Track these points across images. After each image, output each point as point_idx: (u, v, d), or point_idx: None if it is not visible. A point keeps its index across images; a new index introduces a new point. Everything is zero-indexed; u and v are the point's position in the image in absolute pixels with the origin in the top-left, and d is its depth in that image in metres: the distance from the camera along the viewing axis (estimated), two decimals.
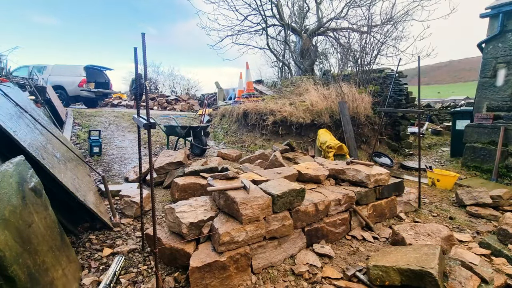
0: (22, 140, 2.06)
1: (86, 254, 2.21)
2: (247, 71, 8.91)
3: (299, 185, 2.31)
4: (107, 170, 4.24)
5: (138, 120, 1.85)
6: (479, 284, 1.76)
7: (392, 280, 1.77)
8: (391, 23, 8.19)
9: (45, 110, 5.87)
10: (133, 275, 1.99)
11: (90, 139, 4.75)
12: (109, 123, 7.05)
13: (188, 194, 3.04)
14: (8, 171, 1.59)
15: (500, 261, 2.14)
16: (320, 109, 6.02)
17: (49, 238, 1.71)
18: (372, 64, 7.67)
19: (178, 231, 2.03)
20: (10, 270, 1.29)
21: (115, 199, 3.26)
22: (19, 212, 1.51)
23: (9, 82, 4.84)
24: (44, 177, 1.99)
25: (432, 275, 1.66)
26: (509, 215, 2.52)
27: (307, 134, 6.07)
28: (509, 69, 5.10)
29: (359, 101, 6.18)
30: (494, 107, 5.29)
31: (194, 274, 1.75)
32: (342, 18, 9.65)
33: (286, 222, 2.16)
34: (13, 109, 2.74)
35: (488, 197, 3.37)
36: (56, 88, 9.72)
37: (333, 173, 3.07)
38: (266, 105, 6.52)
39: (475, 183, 4.42)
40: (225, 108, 8.15)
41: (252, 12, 9.87)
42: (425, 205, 3.54)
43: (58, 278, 1.64)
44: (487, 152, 5.10)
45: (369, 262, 1.94)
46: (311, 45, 10.02)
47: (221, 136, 7.06)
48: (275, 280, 1.97)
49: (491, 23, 5.39)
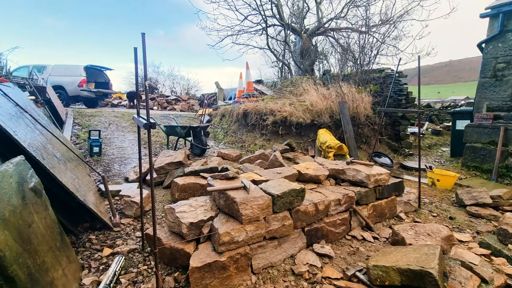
0: (22, 140, 2.06)
1: (86, 254, 2.21)
2: (247, 71, 8.91)
3: (299, 185, 2.31)
4: (107, 170, 4.24)
5: (138, 120, 1.85)
6: (479, 284, 1.76)
7: (392, 280, 1.77)
8: (390, 22, 8.19)
9: (45, 110, 5.87)
10: (133, 275, 1.99)
11: (90, 139, 4.74)
12: (109, 123, 7.05)
13: (188, 194, 3.04)
14: (8, 171, 1.59)
15: (500, 261, 2.14)
16: (320, 109, 6.02)
17: (49, 238, 1.71)
18: (371, 64, 7.67)
19: (178, 231, 2.03)
20: (10, 270, 1.29)
21: (115, 199, 3.26)
22: (19, 212, 1.51)
23: (9, 82, 4.84)
24: (44, 177, 1.99)
25: (432, 275, 1.66)
26: (509, 215, 2.52)
27: (307, 134, 6.07)
28: (509, 69, 5.10)
29: (359, 101, 6.18)
30: (494, 107, 5.29)
31: (194, 274, 1.75)
32: (342, 18, 9.65)
33: (286, 222, 2.16)
34: (13, 109, 2.74)
35: (488, 197, 3.37)
36: (56, 88, 9.72)
37: (333, 173, 3.07)
38: (266, 105, 6.51)
39: (475, 183, 4.42)
40: (225, 108, 8.15)
41: (252, 12, 9.88)
42: (425, 205, 3.54)
43: (58, 278, 1.64)
44: (487, 152, 5.10)
45: (369, 262, 1.94)
46: (311, 45, 10.02)
47: (221, 136, 7.06)
48: (275, 280, 1.97)
49: (491, 23, 5.39)
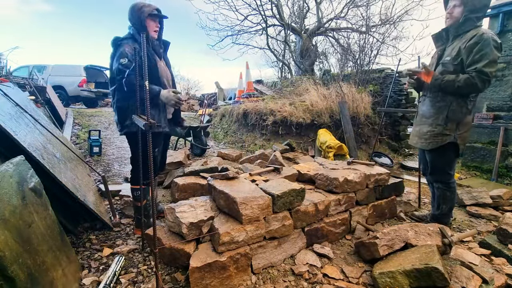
0: (22, 140, 2.06)
1: (86, 254, 2.21)
2: (247, 71, 8.92)
3: (299, 185, 2.31)
4: (107, 170, 4.24)
5: (138, 120, 1.85)
6: (480, 284, 1.76)
7: (401, 285, 1.75)
8: (390, 22, 8.19)
9: (45, 110, 5.87)
10: (133, 275, 1.99)
11: (90, 139, 4.74)
12: (109, 123, 7.05)
13: (188, 194, 3.04)
14: (8, 171, 1.59)
15: (500, 261, 2.14)
16: (320, 109, 6.02)
17: (49, 238, 1.71)
18: (371, 64, 7.68)
19: (178, 231, 2.03)
20: (10, 270, 1.29)
21: (115, 199, 3.25)
22: (19, 212, 1.51)
23: (9, 82, 4.84)
24: (44, 177, 1.99)
25: (438, 270, 1.66)
26: (509, 215, 2.52)
27: (307, 134, 6.07)
28: (509, 69, 5.10)
29: (359, 101, 6.18)
30: (494, 107, 5.28)
31: (194, 274, 1.74)
32: (342, 18, 9.65)
33: (286, 222, 2.16)
34: (13, 109, 2.74)
35: (488, 197, 3.37)
36: (56, 88, 9.72)
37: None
38: (266, 105, 6.51)
39: (475, 183, 4.42)
40: (225, 108, 8.15)
41: (252, 12, 9.87)
42: (425, 205, 3.54)
43: (58, 278, 1.64)
44: (487, 152, 5.10)
45: (374, 270, 1.93)
46: (311, 45, 10.01)
47: (221, 136, 7.06)
48: (275, 280, 1.97)
49: (491, 23, 5.39)
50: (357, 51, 8.07)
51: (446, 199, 2.61)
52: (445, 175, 2.58)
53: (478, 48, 2.17)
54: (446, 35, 2.50)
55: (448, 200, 2.61)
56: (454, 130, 2.39)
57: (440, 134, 2.43)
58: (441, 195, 2.62)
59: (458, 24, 2.34)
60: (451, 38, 2.45)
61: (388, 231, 2.17)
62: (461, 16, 2.30)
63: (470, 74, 2.19)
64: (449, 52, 2.40)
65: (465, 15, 2.28)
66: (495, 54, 2.15)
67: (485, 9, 2.33)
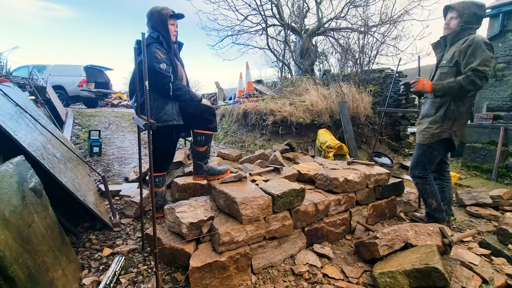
0: (22, 140, 2.06)
1: (86, 254, 2.21)
2: (247, 71, 8.91)
3: (299, 185, 2.31)
4: (107, 170, 4.24)
5: (138, 120, 1.85)
6: (480, 284, 1.76)
7: (401, 285, 1.75)
8: (390, 22, 8.19)
9: (45, 110, 5.87)
10: (133, 275, 1.99)
11: (90, 139, 4.74)
12: (109, 123, 7.05)
13: (188, 194, 3.04)
14: (8, 171, 1.59)
15: (500, 261, 2.14)
16: (320, 109, 6.02)
17: (49, 238, 1.71)
18: (371, 64, 7.67)
19: (178, 231, 2.03)
20: (10, 270, 1.29)
21: (115, 199, 3.25)
22: (19, 212, 1.51)
23: (9, 82, 4.84)
24: (44, 177, 1.99)
25: (438, 270, 1.66)
26: (509, 215, 2.52)
27: (307, 134, 6.06)
28: (509, 69, 5.10)
29: (359, 101, 6.18)
30: (494, 107, 5.29)
31: (194, 274, 1.75)
32: (342, 18, 9.64)
33: (286, 222, 2.15)
34: (13, 109, 2.74)
35: (488, 197, 3.37)
36: (56, 88, 9.73)
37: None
38: (266, 105, 6.51)
39: (475, 183, 4.42)
40: (225, 108, 8.14)
41: (252, 12, 9.86)
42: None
43: (58, 278, 1.64)
44: (487, 152, 5.09)
45: (374, 270, 1.93)
46: (311, 45, 10.01)
47: (221, 136, 7.06)
48: (275, 280, 1.97)
49: (491, 23, 5.39)
50: (357, 51, 8.06)
51: (427, 192, 2.76)
52: (423, 171, 2.74)
53: (471, 50, 2.37)
54: (444, 42, 2.71)
55: (430, 193, 2.75)
56: (450, 127, 2.58)
57: (437, 129, 2.61)
58: (422, 189, 2.78)
59: (454, 33, 2.57)
60: (448, 45, 2.66)
61: (388, 231, 2.17)
62: (457, 27, 2.54)
63: (467, 74, 2.37)
64: (446, 57, 2.63)
65: (461, 26, 2.51)
66: (487, 53, 2.33)
67: (480, 20, 2.54)
